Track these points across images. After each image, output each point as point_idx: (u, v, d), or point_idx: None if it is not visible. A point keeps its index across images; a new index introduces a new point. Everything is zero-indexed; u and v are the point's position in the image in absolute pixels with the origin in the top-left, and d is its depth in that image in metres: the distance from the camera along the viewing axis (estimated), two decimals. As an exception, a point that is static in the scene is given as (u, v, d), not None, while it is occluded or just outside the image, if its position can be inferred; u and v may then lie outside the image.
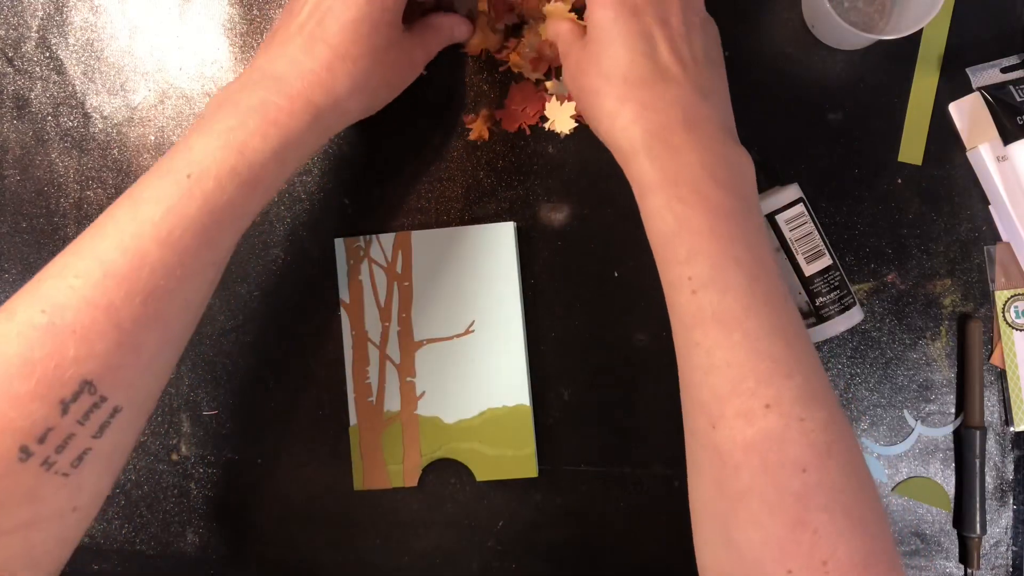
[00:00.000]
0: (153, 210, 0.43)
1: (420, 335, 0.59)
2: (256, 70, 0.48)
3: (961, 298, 0.61)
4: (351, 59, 0.48)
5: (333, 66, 0.48)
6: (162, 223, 0.43)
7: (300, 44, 0.48)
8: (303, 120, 0.47)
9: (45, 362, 0.40)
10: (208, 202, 0.44)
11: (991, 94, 0.58)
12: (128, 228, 0.43)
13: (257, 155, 0.45)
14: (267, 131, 0.46)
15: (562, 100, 0.60)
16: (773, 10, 0.61)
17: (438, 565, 0.60)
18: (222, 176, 0.44)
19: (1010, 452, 0.60)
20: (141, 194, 0.44)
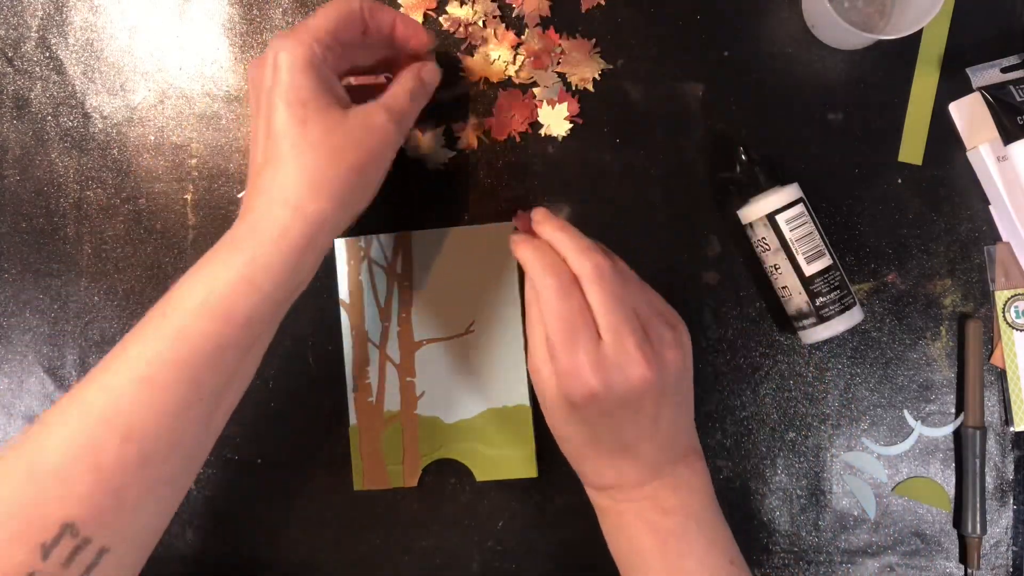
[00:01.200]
0: (133, 350, 0.43)
1: (420, 335, 0.59)
2: (238, 227, 0.46)
3: (961, 298, 0.61)
4: (315, 201, 0.45)
5: (296, 221, 0.45)
6: (138, 361, 0.42)
7: (262, 208, 0.45)
8: (281, 275, 0.45)
9: (25, 505, 0.40)
10: (187, 341, 0.43)
11: (991, 94, 0.58)
12: (110, 368, 0.43)
13: (239, 305, 0.44)
14: (247, 288, 0.44)
15: (553, 104, 0.60)
16: (773, 10, 0.61)
17: (438, 565, 0.60)
18: (201, 315, 0.43)
19: (1010, 452, 0.60)
20: (127, 337, 0.44)
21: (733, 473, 0.60)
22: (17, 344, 0.62)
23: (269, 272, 0.44)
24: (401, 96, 0.50)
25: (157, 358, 0.42)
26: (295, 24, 0.50)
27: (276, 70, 0.45)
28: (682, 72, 0.61)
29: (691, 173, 0.61)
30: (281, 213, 0.44)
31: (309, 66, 0.45)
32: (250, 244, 0.44)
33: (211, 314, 0.43)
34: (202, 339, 0.43)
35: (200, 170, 0.62)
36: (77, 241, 0.62)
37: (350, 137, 0.46)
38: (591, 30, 0.61)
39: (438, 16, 0.61)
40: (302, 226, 0.44)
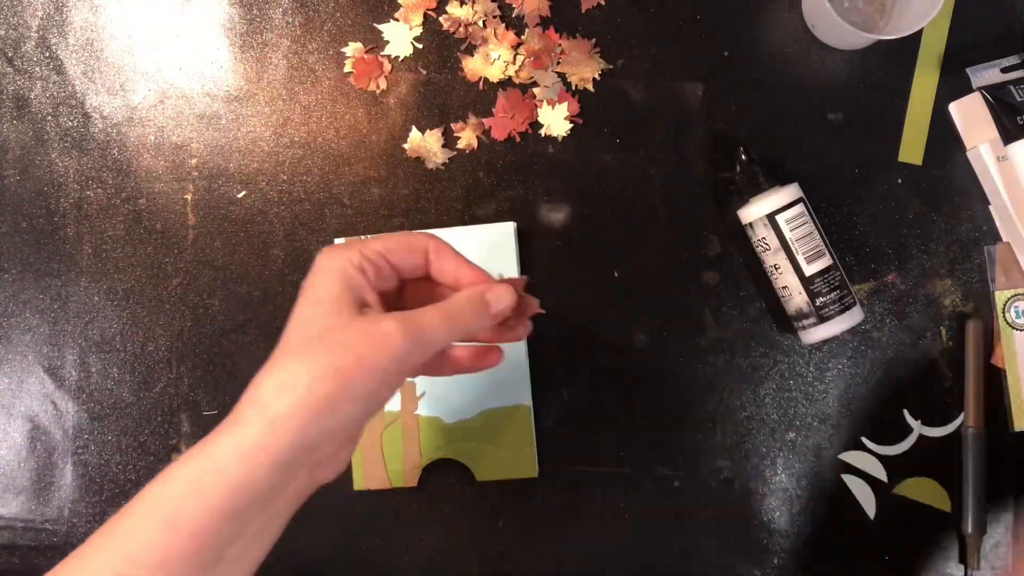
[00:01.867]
0: (110, 545, 0.40)
1: (420, 335, 0.59)
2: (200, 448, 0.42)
3: (961, 298, 0.61)
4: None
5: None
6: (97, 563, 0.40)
7: (238, 406, 0.43)
8: (235, 482, 0.41)
9: None
10: (130, 548, 0.40)
11: (991, 94, 0.58)
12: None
13: (185, 512, 0.41)
14: (195, 493, 0.41)
15: (553, 104, 0.60)
16: (773, 10, 0.61)
17: (438, 565, 0.60)
18: (146, 516, 0.41)
19: (1010, 452, 0.60)
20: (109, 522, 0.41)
21: (733, 473, 0.60)
22: (17, 344, 0.62)
23: (219, 477, 0.40)
24: (432, 313, 0.44)
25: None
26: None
27: (311, 271, 0.45)
28: (682, 72, 0.61)
29: (691, 173, 0.61)
30: (245, 411, 0.41)
31: (338, 271, 0.44)
32: (212, 443, 0.41)
33: (155, 515, 0.40)
34: (146, 548, 0.40)
35: (200, 170, 0.62)
36: (77, 241, 0.62)
37: (342, 339, 0.42)
38: (591, 30, 0.61)
39: (438, 16, 0.61)
40: (262, 428, 0.40)
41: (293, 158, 0.62)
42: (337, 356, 0.42)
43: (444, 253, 0.48)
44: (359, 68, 0.61)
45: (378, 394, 0.43)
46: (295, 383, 0.41)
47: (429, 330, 0.44)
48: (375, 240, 0.46)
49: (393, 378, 0.43)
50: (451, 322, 0.45)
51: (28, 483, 0.61)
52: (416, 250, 0.47)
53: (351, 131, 0.61)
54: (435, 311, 0.45)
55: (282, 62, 0.62)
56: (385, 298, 0.47)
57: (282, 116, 0.62)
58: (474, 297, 0.47)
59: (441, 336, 0.44)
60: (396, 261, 0.46)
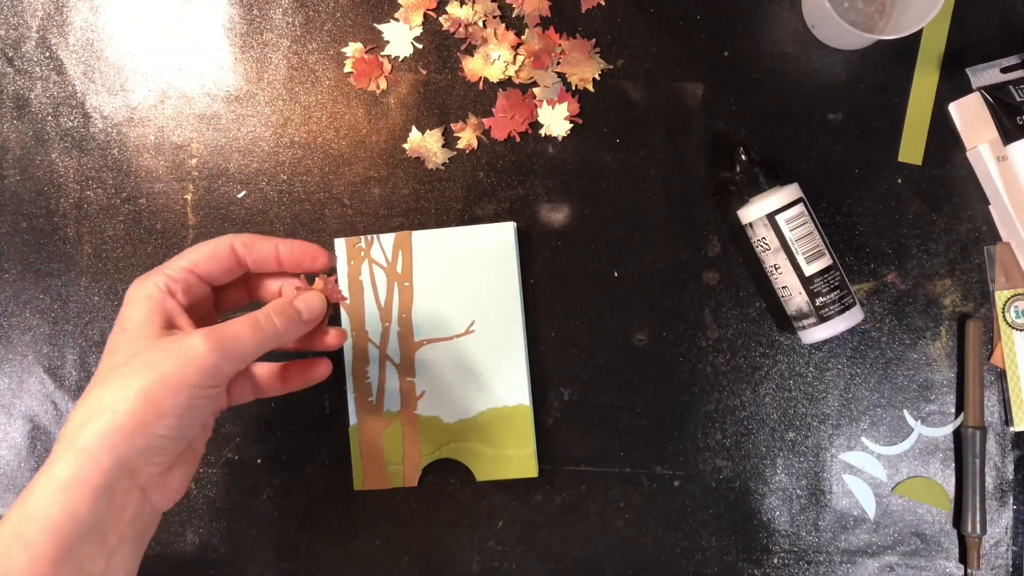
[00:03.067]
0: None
1: (420, 335, 0.59)
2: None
3: (961, 298, 0.61)
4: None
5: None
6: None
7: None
8: (48, 521, 0.40)
9: None
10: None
11: (991, 94, 0.58)
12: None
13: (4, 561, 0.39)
14: (14, 541, 0.40)
15: (553, 104, 0.60)
16: (773, 10, 0.61)
17: (438, 565, 0.60)
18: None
19: (1010, 452, 0.60)
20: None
21: (733, 473, 0.60)
22: (17, 344, 0.62)
23: (37, 521, 0.39)
24: (240, 324, 0.44)
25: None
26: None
27: (122, 304, 0.46)
28: (682, 72, 0.61)
29: (691, 173, 0.61)
30: (56, 449, 0.41)
31: (146, 298, 0.45)
32: (28, 490, 0.41)
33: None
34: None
35: (200, 170, 0.62)
36: (77, 241, 0.62)
37: (146, 360, 0.42)
38: (591, 30, 0.61)
39: (438, 16, 0.61)
40: (72, 460, 0.40)
41: (293, 158, 0.62)
42: (141, 377, 0.41)
43: (253, 242, 0.48)
44: (359, 68, 0.61)
45: (190, 409, 0.43)
46: (100, 410, 0.41)
47: (237, 341, 0.44)
48: (178, 257, 0.46)
49: (204, 392, 0.43)
50: (260, 331, 0.45)
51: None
52: (220, 254, 0.47)
53: (351, 131, 0.61)
54: (243, 321, 0.45)
55: (282, 62, 0.62)
56: (201, 313, 0.47)
57: (282, 116, 0.62)
58: (284, 305, 0.47)
59: (250, 346, 0.44)
60: (204, 272, 0.47)
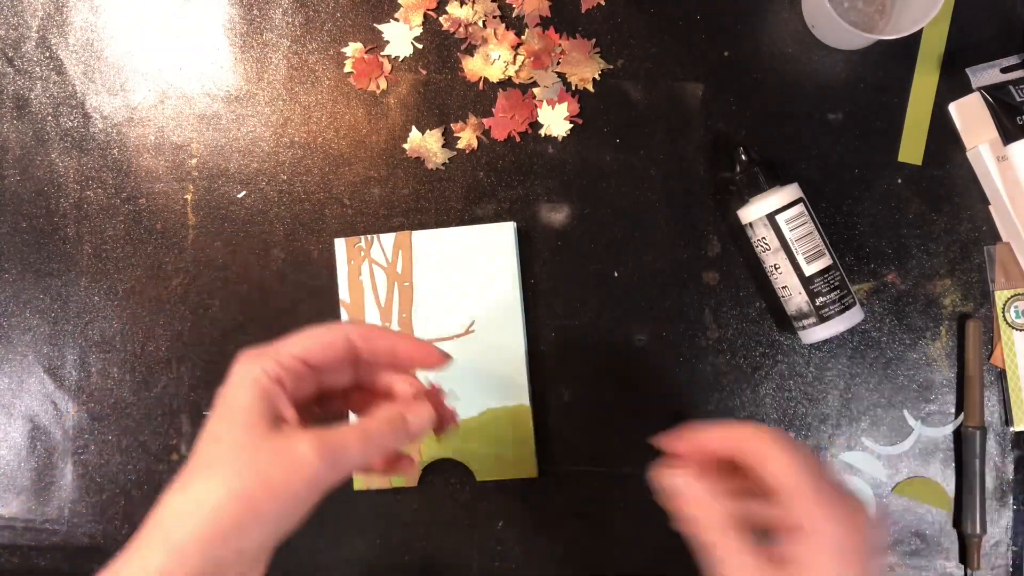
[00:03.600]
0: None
1: (420, 335, 0.59)
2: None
3: (961, 298, 0.61)
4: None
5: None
6: None
7: (144, 528, 0.41)
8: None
9: None
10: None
11: (991, 94, 0.58)
12: None
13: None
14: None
15: (553, 104, 0.61)
16: (773, 10, 0.61)
17: (438, 565, 0.60)
18: None
19: (1010, 452, 0.60)
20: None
21: (733, 473, 0.60)
22: (17, 344, 0.62)
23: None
24: (350, 434, 0.43)
25: None
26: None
27: (226, 383, 0.44)
28: (682, 72, 0.61)
29: (691, 173, 0.61)
30: (150, 534, 0.40)
31: (254, 382, 0.43)
32: (119, 571, 0.40)
33: None
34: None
35: (200, 170, 0.62)
36: (77, 241, 0.62)
37: (252, 461, 0.41)
38: (591, 30, 0.61)
39: (438, 16, 0.61)
40: (165, 555, 0.39)
41: (293, 158, 0.62)
42: (246, 479, 0.40)
43: (371, 336, 0.46)
44: (359, 68, 0.61)
45: (290, 516, 0.42)
46: (199, 506, 0.40)
47: (346, 451, 0.43)
48: (291, 343, 0.44)
49: (306, 500, 0.42)
50: (368, 442, 0.44)
51: (28, 483, 0.61)
52: (335, 345, 0.45)
53: (351, 131, 0.61)
54: (353, 431, 0.43)
55: (282, 62, 0.62)
56: (305, 403, 0.45)
57: (282, 116, 0.62)
58: (393, 416, 0.45)
59: (357, 457, 0.43)
60: (315, 362, 0.44)
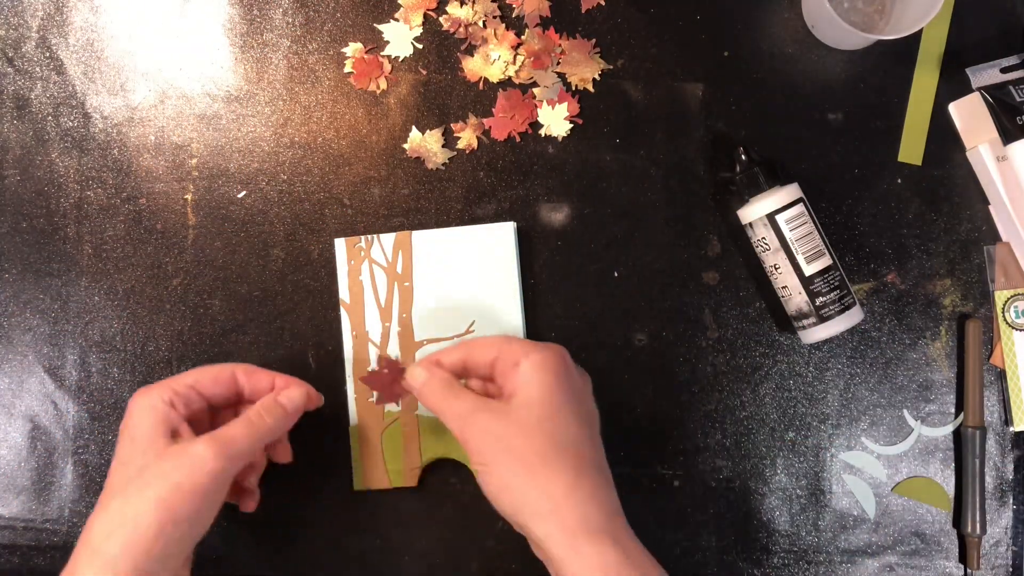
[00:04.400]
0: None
1: (420, 335, 0.59)
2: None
3: (961, 298, 0.61)
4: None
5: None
6: None
7: (76, 551, 0.47)
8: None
9: None
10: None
11: (991, 94, 0.58)
12: None
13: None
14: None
15: (553, 104, 0.61)
16: (773, 10, 0.61)
17: (438, 565, 0.60)
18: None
19: (1010, 452, 0.60)
20: None
21: (733, 473, 0.60)
22: (17, 344, 0.62)
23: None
24: (236, 426, 0.50)
25: None
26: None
27: (126, 416, 0.50)
28: (682, 72, 0.61)
29: (691, 173, 0.61)
30: (80, 558, 0.46)
31: (150, 409, 0.49)
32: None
33: None
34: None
35: (200, 170, 0.62)
36: (77, 241, 0.62)
37: (158, 471, 0.47)
38: (591, 30, 0.61)
39: (438, 16, 0.61)
40: (95, 569, 0.45)
41: (293, 158, 0.62)
42: (157, 488, 0.46)
43: (253, 372, 0.54)
44: (359, 68, 0.61)
45: (201, 512, 0.48)
46: (122, 522, 0.45)
47: (235, 441, 0.49)
48: (182, 376, 0.52)
49: (213, 495, 0.48)
50: (251, 427, 0.50)
51: (28, 483, 0.61)
52: (222, 380, 0.53)
53: (351, 131, 0.61)
54: (238, 423, 0.50)
55: (282, 62, 0.62)
56: (198, 422, 0.52)
57: (282, 116, 0.62)
58: (270, 403, 0.52)
59: (247, 445, 0.50)
60: (204, 391, 0.52)
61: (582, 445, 0.48)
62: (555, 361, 0.49)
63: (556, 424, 0.47)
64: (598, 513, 0.46)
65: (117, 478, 0.48)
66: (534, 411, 0.47)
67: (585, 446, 0.48)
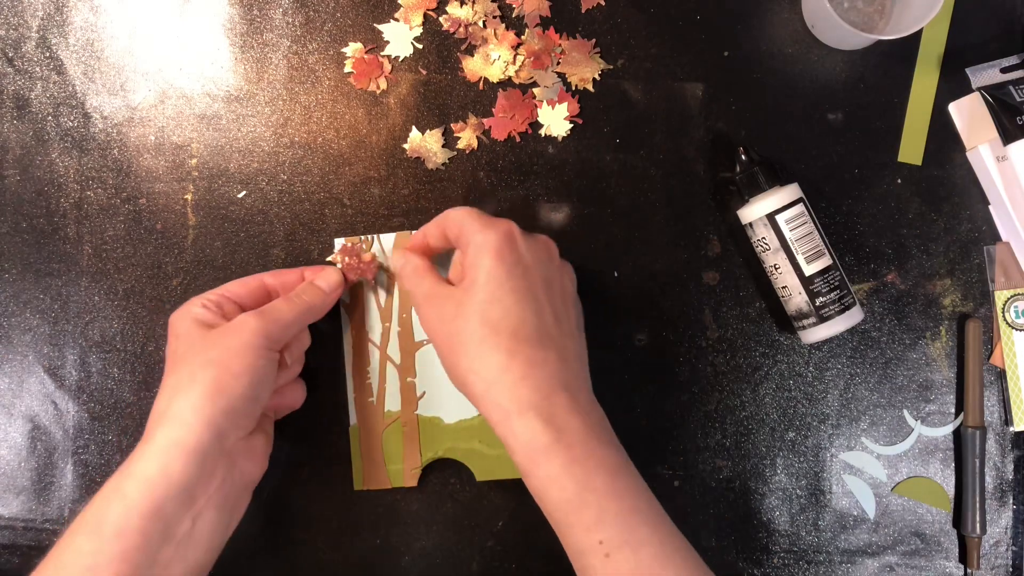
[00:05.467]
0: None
1: (420, 335, 0.59)
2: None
3: (961, 298, 0.61)
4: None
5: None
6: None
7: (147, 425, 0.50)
8: (147, 481, 0.46)
9: None
10: (60, 559, 0.45)
11: (991, 94, 0.58)
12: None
13: (106, 515, 0.45)
14: (113, 495, 0.46)
15: (553, 104, 0.61)
16: (773, 10, 0.61)
17: (438, 565, 0.60)
18: (76, 530, 0.46)
19: (1010, 452, 0.60)
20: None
21: (733, 473, 0.60)
22: (17, 344, 0.62)
23: (135, 479, 0.46)
24: (277, 302, 0.54)
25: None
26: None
27: (169, 331, 0.54)
28: (682, 72, 0.61)
29: (691, 173, 0.61)
30: (151, 426, 0.48)
31: (187, 315, 0.53)
32: (130, 458, 0.48)
33: (84, 527, 0.45)
34: (74, 555, 0.44)
35: (200, 170, 0.62)
36: (77, 241, 0.62)
37: (208, 342, 0.50)
38: (591, 30, 0.61)
39: (438, 16, 0.61)
40: (168, 429, 0.47)
41: (293, 158, 0.62)
42: (210, 352, 0.49)
43: (280, 273, 0.57)
44: (359, 68, 0.61)
45: (257, 369, 0.50)
46: (182, 384, 0.48)
47: (277, 311, 0.52)
48: (214, 290, 0.55)
49: (264, 352, 0.50)
50: (293, 303, 0.54)
51: (28, 483, 0.61)
52: (251, 286, 0.56)
53: (351, 131, 0.61)
54: (279, 300, 0.54)
55: (282, 62, 0.62)
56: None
57: (282, 116, 0.62)
58: (307, 284, 0.56)
59: (290, 317, 0.53)
60: (235, 297, 0.55)
61: (521, 324, 0.48)
62: (497, 241, 0.49)
63: (492, 305, 0.48)
64: (531, 392, 0.46)
65: (169, 366, 0.52)
66: (475, 294, 0.48)
67: (525, 325, 0.48)
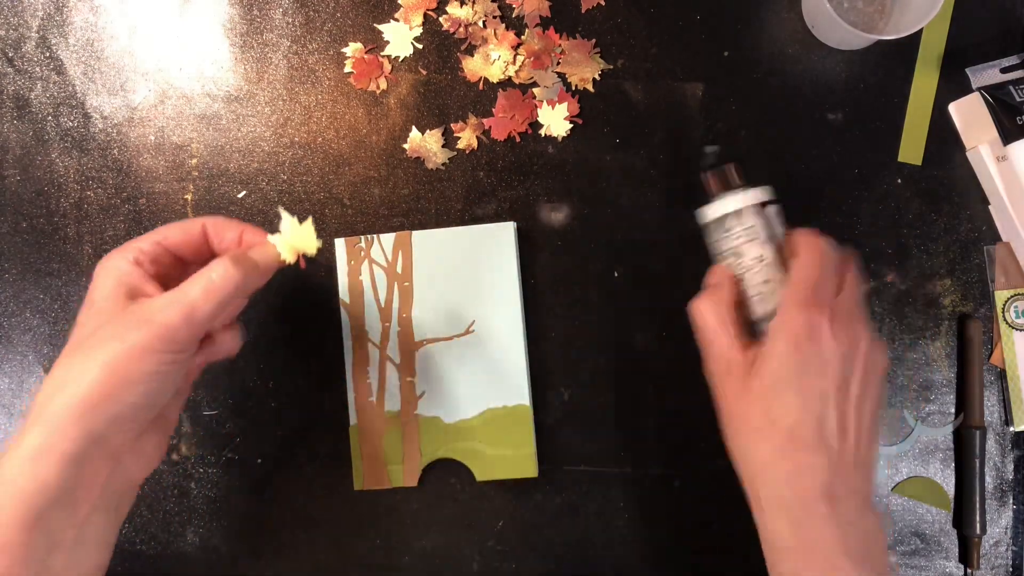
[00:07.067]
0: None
1: (420, 335, 0.60)
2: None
3: (961, 298, 0.61)
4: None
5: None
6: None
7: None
8: (19, 482, 0.41)
9: None
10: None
11: (991, 94, 0.58)
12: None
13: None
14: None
15: (553, 104, 0.61)
16: (773, 10, 0.61)
17: (438, 565, 0.60)
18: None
19: (1010, 452, 0.60)
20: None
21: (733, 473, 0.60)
22: (17, 344, 0.62)
23: (11, 487, 0.41)
24: (196, 285, 0.45)
25: None
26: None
27: (92, 278, 0.48)
28: (682, 72, 0.61)
29: (691, 173, 0.61)
30: (27, 422, 0.43)
31: (112, 269, 0.47)
32: (1, 460, 0.42)
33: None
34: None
35: (200, 170, 0.62)
36: (77, 241, 0.62)
37: (111, 331, 0.44)
38: (591, 30, 0.61)
39: (438, 16, 0.61)
40: (42, 430, 0.42)
41: (293, 158, 0.62)
42: (106, 349, 0.43)
43: (221, 224, 0.50)
44: (359, 68, 0.61)
45: (158, 375, 0.44)
46: (66, 382, 0.42)
47: (193, 307, 0.44)
48: (151, 233, 0.49)
49: (169, 358, 0.44)
50: (212, 294, 0.45)
51: None
52: (190, 230, 0.49)
53: (351, 131, 0.62)
54: (199, 290, 0.45)
55: (282, 62, 0.62)
56: (169, 278, 0.48)
57: (282, 116, 0.62)
58: (240, 255, 0.47)
59: (207, 309, 0.45)
60: (172, 244, 0.49)
61: (799, 425, 0.45)
62: (799, 328, 0.45)
63: (774, 400, 0.46)
64: (790, 495, 0.46)
65: (70, 343, 0.45)
66: (761, 379, 0.46)
67: (803, 427, 0.45)
